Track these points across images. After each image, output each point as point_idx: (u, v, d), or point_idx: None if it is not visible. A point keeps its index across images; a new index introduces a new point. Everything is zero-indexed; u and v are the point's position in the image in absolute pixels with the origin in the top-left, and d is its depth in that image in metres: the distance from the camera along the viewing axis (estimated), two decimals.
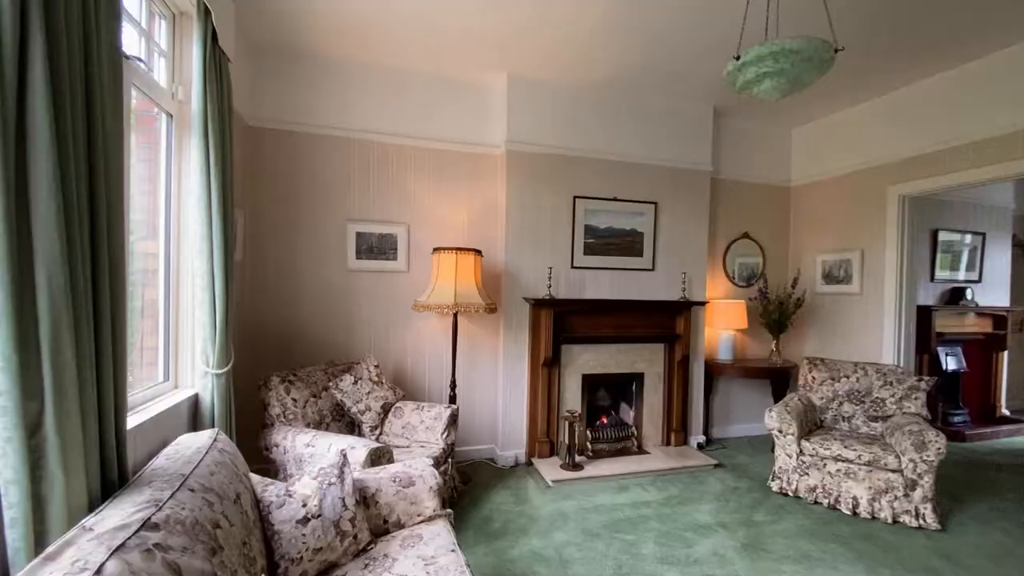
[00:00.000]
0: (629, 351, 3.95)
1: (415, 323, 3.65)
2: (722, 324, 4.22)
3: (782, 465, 3.29)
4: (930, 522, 2.80)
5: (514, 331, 3.71)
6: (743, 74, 2.08)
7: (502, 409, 3.72)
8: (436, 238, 3.67)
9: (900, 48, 3.18)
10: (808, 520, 2.92)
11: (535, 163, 3.72)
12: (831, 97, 3.98)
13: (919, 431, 2.91)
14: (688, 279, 4.12)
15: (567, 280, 3.84)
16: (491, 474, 3.52)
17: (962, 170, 3.42)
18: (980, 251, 5.13)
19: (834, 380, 3.60)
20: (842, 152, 4.28)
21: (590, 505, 3.06)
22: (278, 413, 2.73)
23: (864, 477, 2.99)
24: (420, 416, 3.04)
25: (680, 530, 2.77)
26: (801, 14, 2.74)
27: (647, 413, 4.02)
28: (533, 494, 3.21)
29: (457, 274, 3.13)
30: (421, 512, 1.98)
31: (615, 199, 3.93)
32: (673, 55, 3.31)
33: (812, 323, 4.56)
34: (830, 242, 4.40)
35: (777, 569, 2.40)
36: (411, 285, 3.61)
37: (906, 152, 3.75)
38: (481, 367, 3.81)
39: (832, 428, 3.46)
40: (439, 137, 3.67)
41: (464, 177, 3.76)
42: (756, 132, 4.60)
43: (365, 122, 3.51)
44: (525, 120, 3.68)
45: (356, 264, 3.49)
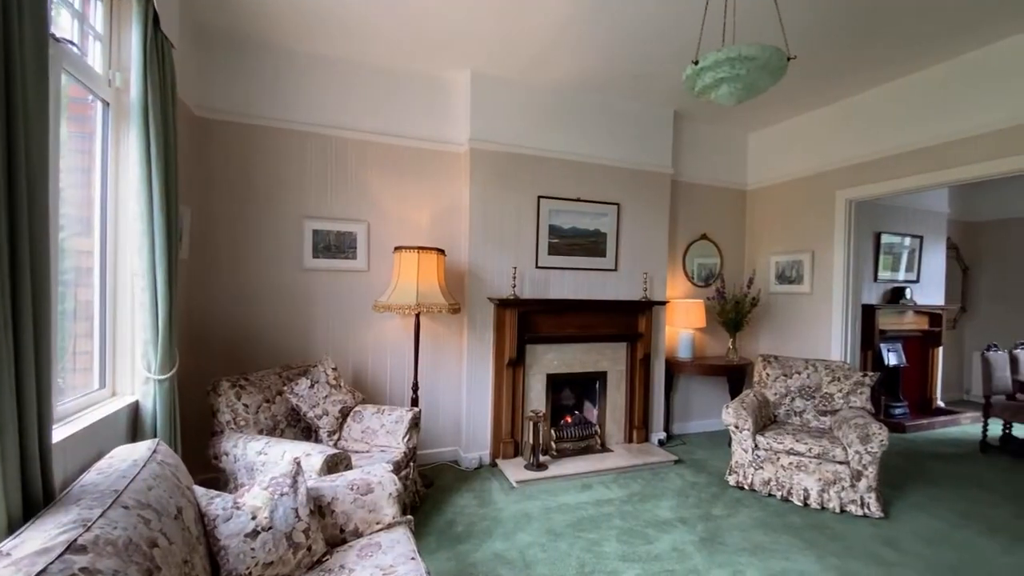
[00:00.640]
0: (593, 350, 3.98)
1: (376, 324, 3.56)
2: (682, 323, 4.32)
3: (738, 460, 3.39)
4: (874, 510, 2.95)
5: (478, 331, 3.68)
6: (701, 79, 2.12)
7: (466, 410, 3.68)
8: (398, 237, 3.59)
9: (849, 59, 3.33)
10: (763, 512, 3.01)
11: (499, 162, 3.69)
12: (785, 104, 4.13)
13: (864, 424, 3.06)
14: (650, 279, 4.20)
15: (532, 280, 3.83)
16: (455, 477, 3.47)
17: (903, 177, 3.62)
18: (918, 253, 5.46)
19: (787, 376, 3.74)
20: (794, 157, 4.45)
21: (554, 505, 3.06)
22: (228, 420, 2.60)
23: (814, 469, 3.11)
24: (381, 420, 2.96)
25: (642, 527, 2.81)
26: (756, 23, 2.82)
27: (610, 411, 4.07)
28: (497, 496, 3.18)
29: (419, 274, 3.07)
30: (380, 520, 1.92)
31: (579, 200, 3.96)
32: (635, 57, 3.35)
33: (766, 321, 4.73)
34: (783, 244, 4.58)
35: (734, 562, 2.47)
36: (371, 285, 3.52)
37: (853, 159, 3.94)
38: (445, 368, 3.75)
39: (785, 423, 3.60)
40: (401, 133, 3.59)
41: (427, 175, 3.69)
42: (714, 136, 4.73)
43: (323, 116, 3.39)
44: (489, 118, 3.65)
45: (313, 263, 3.37)
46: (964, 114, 3.25)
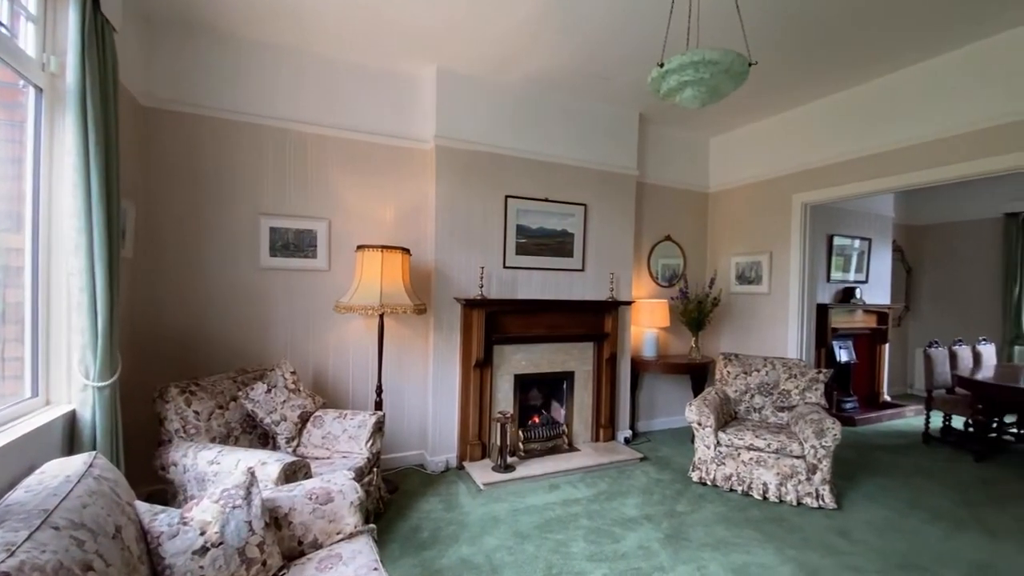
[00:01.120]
0: (560, 350, 3.99)
1: (337, 326, 3.44)
2: (647, 323, 4.39)
3: (701, 456, 3.47)
4: (828, 502, 3.06)
5: (445, 332, 3.62)
6: (666, 81, 2.14)
7: (432, 413, 3.61)
8: (360, 235, 3.49)
9: (804, 69, 3.44)
10: (725, 507, 3.08)
11: (466, 160, 3.65)
12: (744, 110, 4.25)
13: (819, 420, 3.17)
14: (616, 279, 4.24)
15: (499, 280, 3.80)
16: (420, 481, 3.40)
17: (854, 182, 3.78)
18: (867, 255, 5.74)
19: (747, 374, 3.85)
20: (753, 161, 4.59)
21: (521, 506, 3.04)
22: (177, 428, 2.45)
23: (773, 464, 3.21)
24: (343, 425, 2.86)
25: (608, 525, 2.83)
26: (718, 31, 2.88)
27: (577, 410, 4.09)
28: (464, 499, 3.13)
29: (383, 273, 2.99)
30: (341, 530, 1.85)
31: (547, 200, 3.96)
32: (602, 59, 3.37)
33: (727, 321, 4.86)
34: (743, 245, 4.71)
35: (697, 557, 2.51)
36: (333, 285, 3.40)
37: (808, 164, 4.10)
38: (410, 371, 3.67)
39: (745, 419, 3.70)
40: (364, 129, 3.49)
41: (391, 172, 3.60)
42: (678, 139, 4.83)
43: (280, 109, 3.26)
44: (455, 115, 3.60)
45: (270, 262, 3.23)
46: (909, 123, 3.42)
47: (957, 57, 3.17)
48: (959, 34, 2.99)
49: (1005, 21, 2.84)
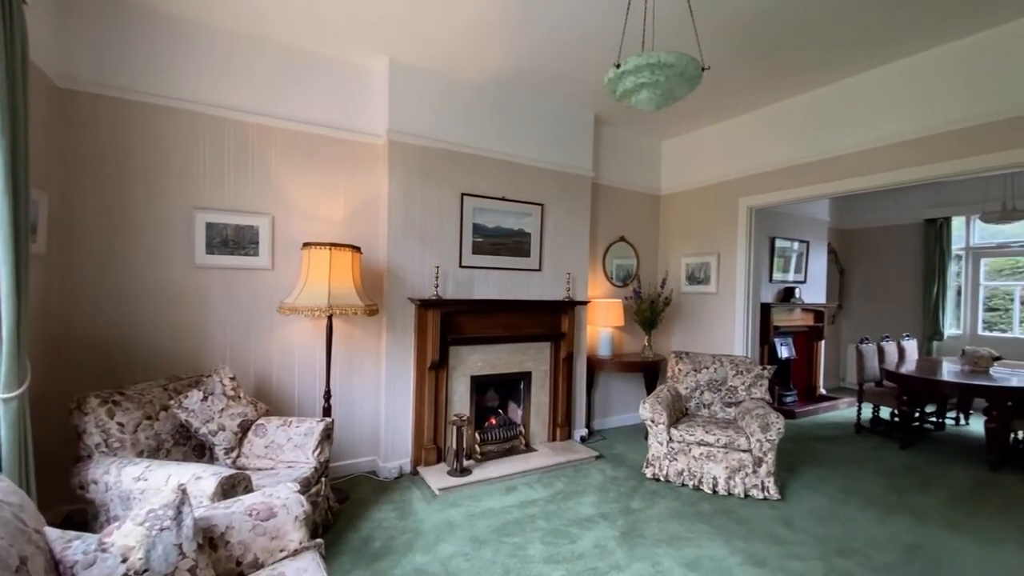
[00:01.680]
0: (517, 350, 3.96)
1: (282, 328, 3.26)
2: (602, 322, 4.44)
3: (655, 452, 3.53)
4: (773, 493, 3.19)
5: (398, 334, 3.50)
6: (623, 82, 2.15)
7: (385, 417, 3.49)
8: (307, 232, 3.31)
9: (749, 77, 3.58)
10: (677, 502, 3.15)
11: (421, 156, 3.55)
12: (695, 115, 4.38)
13: (764, 414, 3.30)
14: (572, 279, 4.26)
15: (455, 280, 3.73)
16: (372, 488, 3.28)
17: (796, 187, 3.97)
18: (805, 256, 6.07)
19: (697, 371, 3.96)
20: (703, 166, 4.74)
21: (478, 510, 2.98)
22: (98, 442, 2.23)
23: (722, 458, 3.32)
24: (287, 433, 2.70)
25: (565, 526, 2.82)
26: (672, 36, 2.94)
27: (534, 410, 4.07)
28: (418, 505, 3.04)
29: (332, 272, 2.85)
30: (285, 547, 1.73)
31: (503, 199, 3.92)
32: (559, 58, 3.37)
33: (678, 320, 5.00)
34: (693, 246, 4.86)
35: (652, 554, 2.54)
36: (277, 285, 3.22)
37: (754, 169, 4.27)
38: (361, 374, 3.53)
39: (695, 415, 3.81)
40: (311, 120, 3.32)
41: (341, 166, 3.45)
42: (631, 142, 4.92)
43: (219, 96, 3.04)
44: (409, 110, 3.49)
45: (206, 260, 3.01)
46: (846, 133, 3.63)
47: (891, 71, 3.39)
48: (892, 50, 3.19)
49: (931, 39, 3.05)
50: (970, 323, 6.04)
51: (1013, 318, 5.80)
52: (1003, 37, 2.87)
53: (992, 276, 5.99)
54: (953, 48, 3.07)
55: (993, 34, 2.91)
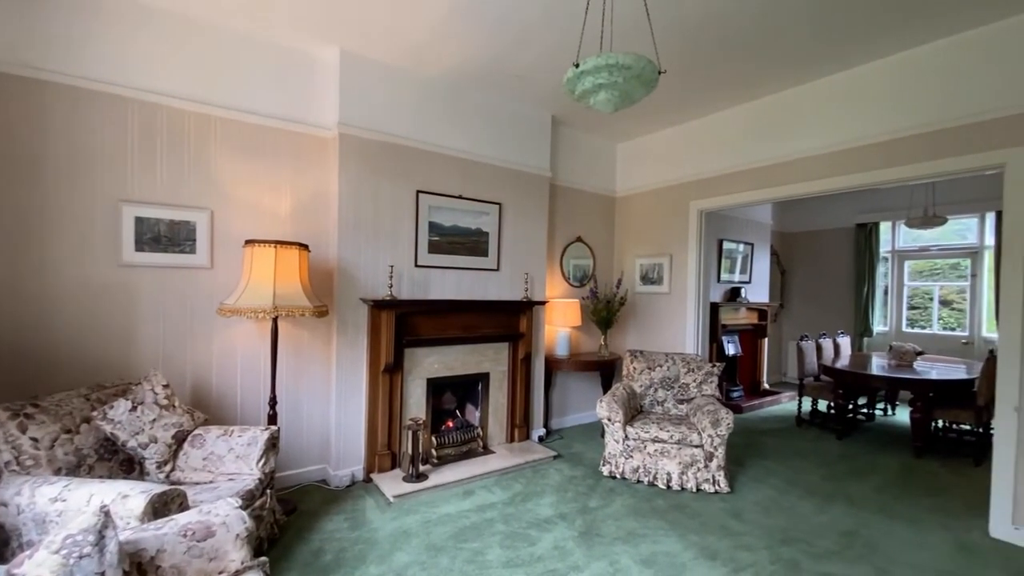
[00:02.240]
0: (475, 351, 3.90)
1: (222, 331, 3.05)
2: (560, 322, 4.45)
3: (611, 450, 3.57)
4: (723, 486, 3.30)
5: (350, 336, 3.36)
6: (582, 82, 2.14)
7: (336, 424, 3.34)
8: (250, 229, 3.12)
9: (699, 85, 3.68)
10: (633, 499, 3.19)
11: (374, 151, 3.42)
12: (649, 119, 4.47)
13: (715, 410, 3.41)
14: (531, 279, 4.25)
15: (411, 279, 3.62)
16: (323, 498, 3.12)
17: (743, 191, 4.13)
18: (750, 258, 6.35)
19: (651, 369, 4.04)
20: (656, 169, 4.86)
21: (435, 517, 2.90)
22: (8, 460, 2.00)
23: (675, 454, 3.39)
24: (228, 443, 2.52)
25: (524, 528, 2.79)
26: (630, 41, 2.97)
27: (492, 412, 4.02)
28: (372, 514, 2.92)
29: (277, 272, 2.69)
30: (225, 568, 1.60)
31: (460, 197, 3.84)
32: (517, 57, 3.34)
33: (633, 319, 5.10)
34: (646, 248, 4.97)
35: (610, 552, 2.55)
36: (216, 285, 3.01)
37: (704, 173, 4.41)
38: (310, 378, 3.36)
39: (650, 412, 3.88)
40: (255, 110, 3.13)
41: (288, 159, 3.27)
42: (587, 144, 4.97)
43: (152, 80, 2.80)
44: (362, 102, 3.36)
45: (135, 258, 2.76)
46: (789, 141, 3.80)
47: (830, 83, 3.57)
48: (832, 64, 3.36)
49: (865, 55, 3.24)
50: (895, 321, 6.52)
51: (932, 316, 6.30)
52: (927, 56, 3.08)
53: (914, 277, 6.49)
54: (883, 64, 3.28)
55: (918, 52, 3.12)
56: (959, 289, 6.08)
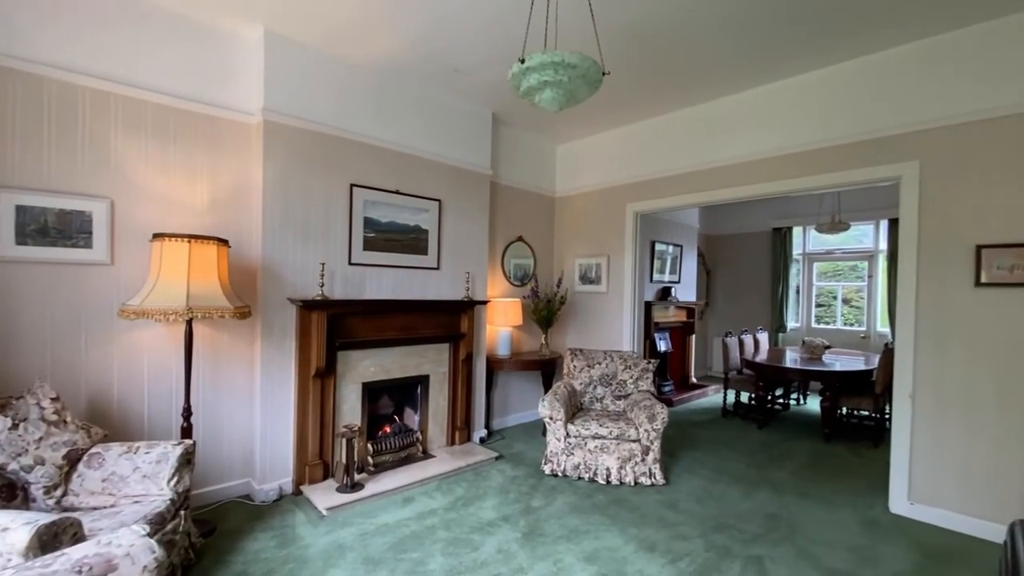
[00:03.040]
0: (414, 353, 3.77)
1: (126, 335, 2.71)
2: (501, 321, 4.41)
3: (553, 448, 3.58)
4: (659, 479, 3.41)
5: (276, 338, 3.12)
6: (527, 79, 2.11)
7: (261, 434, 3.08)
8: (159, 221, 2.80)
9: (635, 91, 3.79)
10: (575, 496, 3.22)
11: (303, 141, 3.20)
12: (588, 121, 4.55)
13: (650, 405, 3.52)
14: (472, 278, 4.17)
15: (344, 278, 3.43)
16: (246, 515, 2.87)
17: (675, 195, 4.30)
18: (679, 259, 6.67)
19: (590, 367, 4.11)
20: (594, 171, 4.95)
21: (372, 528, 2.76)
22: None
23: (614, 450, 3.46)
24: (134, 461, 2.24)
25: (467, 533, 2.72)
26: (573, 43, 2.99)
27: (432, 415, 3.91)
28: (303, 529, 2.73)
29: (192, 269, 2.43)
30: None
31: (398, 192, 3.70)
32: (457, 50, 3.25)
33: (573, 318, 5.17)
34: (585, 248, 5.06)
35: (554, 552, 2.55)
36: (118, 283, 2.67)
37: (640, 176, 4.55)
38: (231, 386, 3.09)
39: (589, 409, 3.94)
40: (165, 89, 2.81)
41: (204, 146, 2.97)
42: (527, 143, 4.97)
43: (39, 48, 2.43)
44: (290, 88, 3.13)
45: (17, 252, 2.38)
46: (718, 149, 4.00)
47: (755, 95, 3.79)
48: (760, 76, 3.57)
49: (787, 71, 3.47)
50: (806, 317, 7.12)
51: (836, 313, 6.95)
52: (840, 75, 3.35)
53: (821, 278, 7.12)
54: (803, 80, 3.53)
55: (832, 71, 3.38)
56: (858, 288, 6.75)
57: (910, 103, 3.05)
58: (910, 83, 3.05)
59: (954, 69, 2.89)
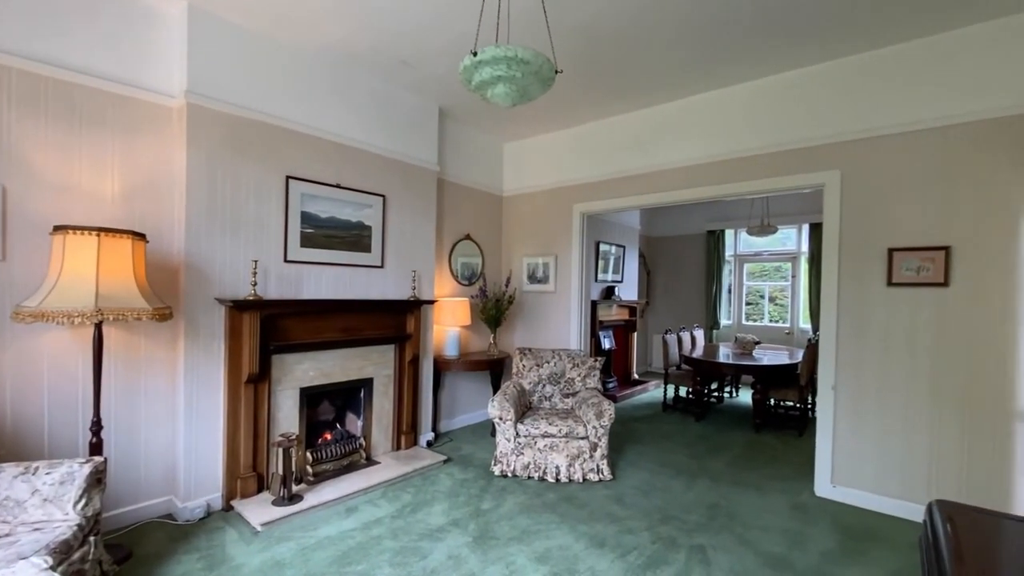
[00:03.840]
0: (357, 356, 3.60)
1: (20, 341, 2.38)
2: (449, 321, 4.32)
3: (502, 449, 3.55)
4: (606, 475, 3.47)
5: (203, 342, 2.86)
6: (479, 72, 2.06)
7: (184, 447, 2.82)
8: (62, 212, 2.48)
9: (582, 93, 3.83)
10: (525, 496, 3.20)
11: (233, 127, 2.96)
12: (535, 120, 4.55)
13: (598, 403, 3.57)
14: (418, 277, 4.05)
15: (280, 277, 3.21)
16: (168, 536, 2.61)
17: (620, 197, 4.40)
18: (622, 259, 6.85)
19: (539, 366, 4.11)
20: (542, 170, 4.97)
21: (313, 541, 2.59)
22: None
23: (564, 448, 3.48)
24: (32, 483, 1.97)
25: (415, 541, 2.62)
26: (527, 42, 2.96)
27: (376, 420, 3.75)
28: (235, 548, 2.51)
29: (102, 266, 2.16)
30: None
31: (338, 186, 3.52)
32: (404, 40, 3.14)
33: (521, 317, 5.16)
34: (533, 247, 5.07)
35: (505, 554, 2.51)
36: (11, 282, 2.33)
37: (586, 178, 4.62)
38: (149, 395, 2.80)
39: (539, 408, 3.95)
40: (69, 64, 2.49)
41: (116, 129, 2.67)
42: (475, 140, 4.90)
43: None
44: (218, 69, 2.88)
45: None
46: (660, 153, 4.13)
47: (695, 102, 3.95)
48: (699, 84, 3.71)
49: (722, 80, 3.64)
50: (737, 315, 7.55)
51: (763, 310, 7.42)
52: (773, 86, 3.55)
53: (750, 278, 7.57)
54: (739, 89, 3.71)
55: (767, 82, 3.58)
56: (782, 288, 7.24)
57: (832, 116, 3.29)
58: (832, 98, 3.29)
59: (869, 87, 3.15)
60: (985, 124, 2.79)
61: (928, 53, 2.96)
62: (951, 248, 2.88)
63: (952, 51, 2.89)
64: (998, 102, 2.75)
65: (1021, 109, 2.68)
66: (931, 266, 2.93)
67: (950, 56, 2.89)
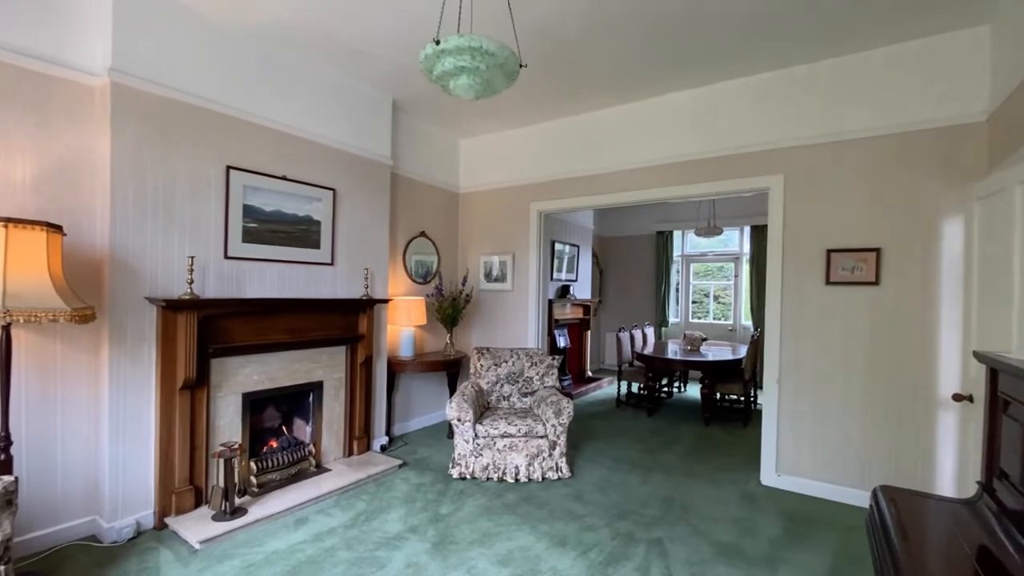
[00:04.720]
0: (305, 358, 3.40)
1: None
2: (404, 321, 4.19)
3: (461, 451, 3.47)
4: (565, 472, 3.47)
5: (131, 345, 2.61)
6: (441, 62, 1.98)
7: (110, 461, 2.55)
8: None
9: (537, 93, 3.82)
10: (484, 498, 3.15)
11: (165, 111, 2.72)
12: (493, 117, 4.49)
13: (556, 401, 3.57)
14: (371, 275, 3.90)
15: (219, 274, 2.98)
16: (92, 560, 2.35)
17: (576, 196, 4.43)
18: (576, 258, 6.93)
19: (497, 365, 4.07)
20: (499, 168, 4.92)
21: (260, 557, 2.42)
22: None
23: (523, 447, 3.46)
24: None
25: (371, 551, 2.51)
26: (488, 33, 2.90)
27: (327, 425, 3.57)
28: (170, 570, 2.30)
29: (8, 261, 1.90)
30: None
31: (284, 178, 3.31)
32: (355, 25, 2.99)
33: (478, 316, 5.10)
34: (490, 246, 5.01)
35: (466, 559, 2.45)
36: None
37: (543, 177, 4.61)
38: (68, 406, 2.51)
39: (497, 408, 3.90)
40: None
41: (28, 109, 2.37)
42: (430, 135, 4.79)
43: None
44: (148, 47, 2.63)
45: None
46: (613, 154, 4.19)
47: (644, 107, 4.04)
48: (651, 88, 3.79)
49: (671, 85, 3.73)
50: (684, 313, 7.84)
51: (708, 308, 7.75)
52: (720, 93, 3.69)
53: (696, 277, 7.88)
54: (689, 95, 3.82)
55: (714, 88, 3.71)
56: (725, 287, 7.59)
57: (776, 123, 3.45)
58: (776, 106, 3.45)
59: (809, 96, 3.33)
60: (910, 136, 3.02)
61: (863, 67, 3.16)
62: (881, 249, 3.10)
63: (881, 67, 3.11)
64: (922, 115, 2.98)
65: (942, 123, 2.92)
66: (864, 266, 3.14)
67: (880, 71, 3.11)
